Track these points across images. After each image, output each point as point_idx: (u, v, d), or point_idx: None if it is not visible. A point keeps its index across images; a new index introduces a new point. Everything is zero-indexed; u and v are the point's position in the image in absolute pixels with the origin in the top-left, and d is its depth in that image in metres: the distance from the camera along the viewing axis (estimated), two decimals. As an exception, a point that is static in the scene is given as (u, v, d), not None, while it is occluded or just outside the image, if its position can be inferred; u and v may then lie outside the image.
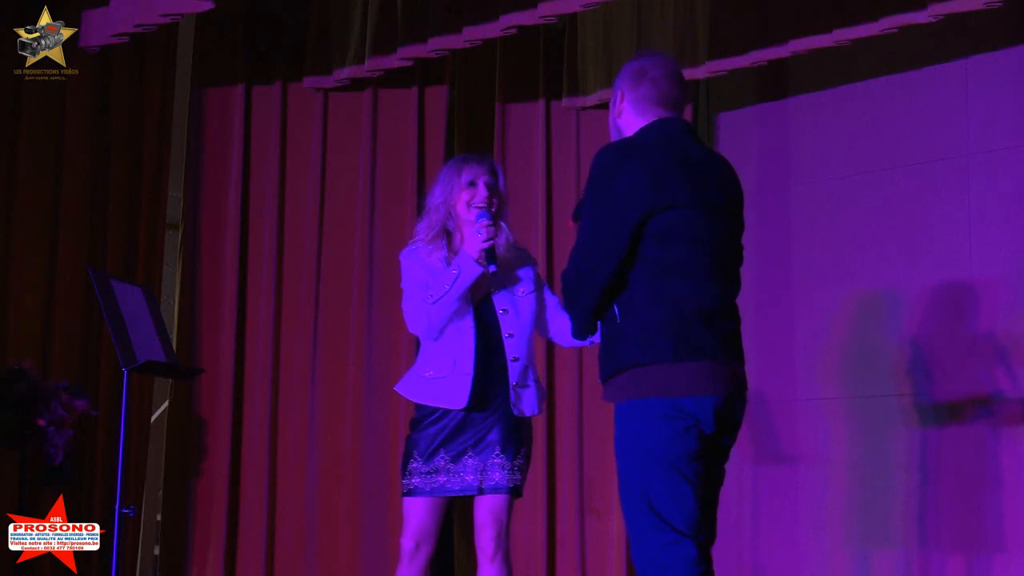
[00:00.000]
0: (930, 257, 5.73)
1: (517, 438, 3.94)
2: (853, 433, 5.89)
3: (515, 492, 3.91)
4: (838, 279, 6.02)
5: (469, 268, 3.84)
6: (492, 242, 3.85)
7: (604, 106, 6.38)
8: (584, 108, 6.42)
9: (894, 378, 5.78)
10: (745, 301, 3.22)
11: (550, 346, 6.26)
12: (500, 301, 3.96)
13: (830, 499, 5.94)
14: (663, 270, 3.01)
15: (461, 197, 3.95)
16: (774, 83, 6.34)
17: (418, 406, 3.93)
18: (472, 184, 3.95)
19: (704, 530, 3.03)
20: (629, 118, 3.19)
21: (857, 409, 5.88)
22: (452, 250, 3.96)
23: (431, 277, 3.89)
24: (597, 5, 5.25)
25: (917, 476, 5.67)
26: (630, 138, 3.14)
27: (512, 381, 3.90)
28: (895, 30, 5.26)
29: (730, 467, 3.22)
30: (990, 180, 5.58)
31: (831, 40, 5.39)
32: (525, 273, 4.04)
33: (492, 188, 3.96)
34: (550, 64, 6.48)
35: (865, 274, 5.94)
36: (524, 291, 4.00)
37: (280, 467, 6.02)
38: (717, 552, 3.11)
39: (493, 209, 3.94)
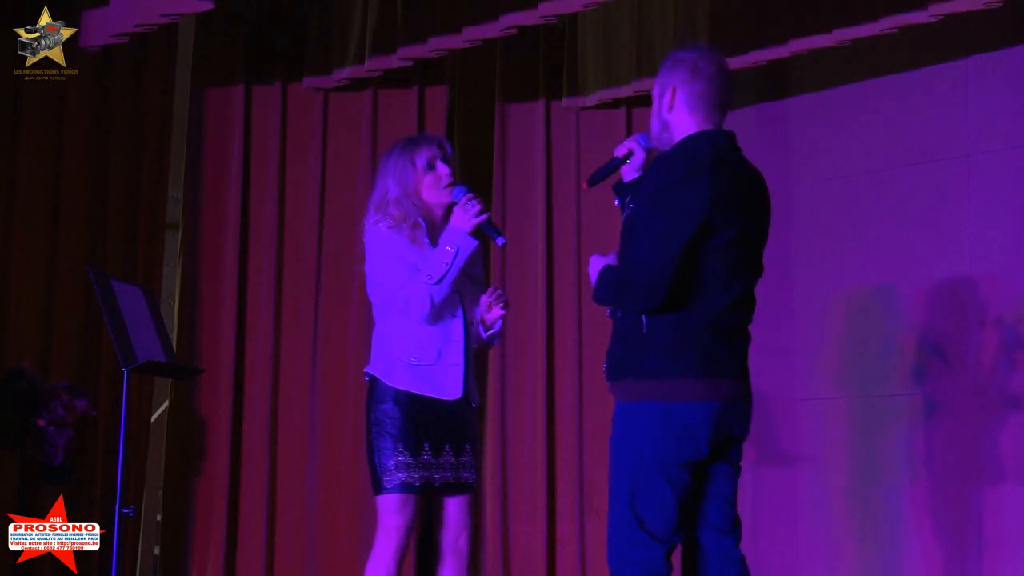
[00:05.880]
0: (929, 256, 5.73)
1: (476, 433, 3.81)
2: (853, 433, 5.88)
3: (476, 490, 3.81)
4: (838, 279, 6.01)
5: (466, 243, 3.63)
6: (488, 214, 3.68)
7: (604, 106, 6.39)
8: (584, 108, 6.42)
9: (894, 377, 5.78)
10: (745, 300, 3.22)
11: (550, 346, 6.25)
12: (463, 287, 3.77)
13: (830, 499, 5.93)
14: (698, 288, 3.02)
15: (424, 182, 3.74)
16: (774, 83, 6.33)
17: (396, 392, 3.67)
18: (431, 167, 3.75)
19: (678, 535, 3.09)
20: (682, 114, 3.15)
21: (857, 409, 5.88)
22: (419, 241, 3.71)
23: (419, 258, 3.67)
24: (597, 5, 5.25)
25: (917, 475, 5.66)
26: (694, 152, 3.08)
27: (471, 370, 3.76)
28: (895, 30, 5.26)
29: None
30: (990, 180, 5.58)
31: (831, 40, 5.39)
32: (477, 258, 3.83)
33: (450, 163, 3.76)
34: (550, 64, 6.48)
35: (865, 274, 5.93)
36: (478, 278, 3.84)
37: (280, 467, 6.02)
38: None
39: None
